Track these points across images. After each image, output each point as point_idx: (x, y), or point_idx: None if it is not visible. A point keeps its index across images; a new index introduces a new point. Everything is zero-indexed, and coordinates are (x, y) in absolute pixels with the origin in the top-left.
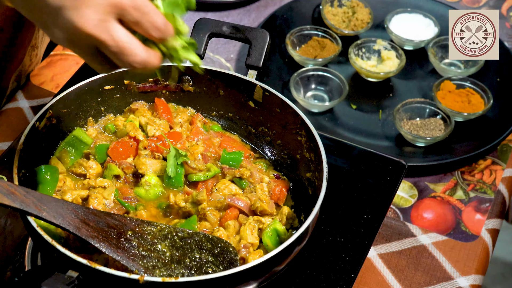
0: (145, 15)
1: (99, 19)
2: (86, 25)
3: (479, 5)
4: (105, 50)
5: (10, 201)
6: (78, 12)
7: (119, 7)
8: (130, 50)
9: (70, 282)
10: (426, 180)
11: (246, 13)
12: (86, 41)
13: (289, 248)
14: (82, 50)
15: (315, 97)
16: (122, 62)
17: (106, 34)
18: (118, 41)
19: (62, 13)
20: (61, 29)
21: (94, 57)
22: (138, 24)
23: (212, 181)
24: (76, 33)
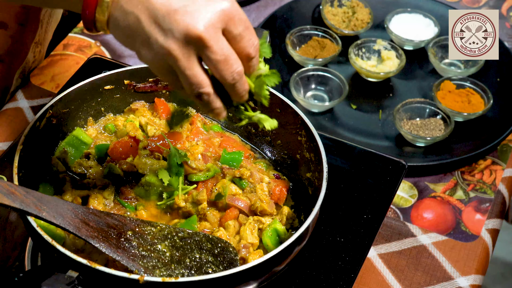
0: (248, 30)
1: (211, 24)
2: (198, 27)
3: (479, 5)
4: (207, 56)
5: (10, 201)
6: (192, 15)
7: (229, 16)
8: (233, 60)
9: (70, 282)
10: (426, 180)
11: (246, 13)
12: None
13: (289, 248)
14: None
15: (315, 97)
16: (222, 73)
17: (214, 40)
18: (223, 48)
19: (173, 17)
20: (166, 35)
21: (172, 77)
22: (240, 37)
23: (212, 181)
24: (185, 35)
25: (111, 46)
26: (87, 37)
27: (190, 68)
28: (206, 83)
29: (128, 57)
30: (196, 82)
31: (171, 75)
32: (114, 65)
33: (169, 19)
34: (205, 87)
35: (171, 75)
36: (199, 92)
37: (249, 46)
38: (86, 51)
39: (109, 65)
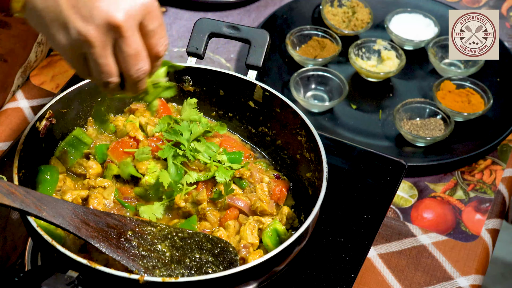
0: (161, 27)
1: (131, 15)
2: (118, 16)
3: (479, 5)
4: (120, 48)
5: (10, 201)
6: (114, 4)
7: (148, 9)
8: (143, 57)
9: (70, 282)
10: (426, 180)
11: (246, 13)
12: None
13: (289, 248)
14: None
15: (315, 97)
16: (128, 67)
17: (131, 32)
18: (137, 43)
19: (94, 3)
20: (85, 21)
21: (82, 63)
22: (153, 33)
23: (212, 181)
24: (106, 23)
25: None
26: None
27: (104, 57)
28: (115, 73)
29: None
30: (107, 71)
31: (81, 62)
32: None
33: (90, 5)
34: (114, 77)
35: (81, 62)
36: (108, 81)
37: (160, 44)
38: None
39: None
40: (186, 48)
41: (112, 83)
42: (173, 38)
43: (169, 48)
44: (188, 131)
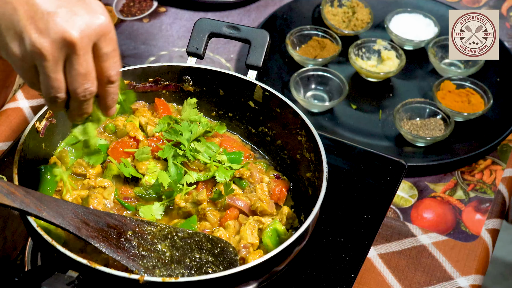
0: (115, 52)
1: (86, 35)
2: (73, 33)
3: (479, 5)
4: (71, 65)
5: (10, 201)
6: (71, 21)
7: (103, 32)
8: (92, 78)
9: (70, 282)
10: (426, 180)
11: (246, 13)
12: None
13: (289, 248)
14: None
15: (315, 97)
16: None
17: (84, 51)
18: (88, 63)
19: (52, 18)
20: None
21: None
22: (106, 57)
23: (212, 181)
24: (60, 38)
25: None
26: None
27: (55, 72)
28: (63, 89)
29: (128, 57)
30: (57, 86)
31: (32, 73)
32: None
33: (47, 19)
34: (62, 92)
35: (32, 74)
36: (55, 96)
37: (113, 68)
38: None
39: None
40: (186, 48)
41: (59, 99)
42: (173, 38)
43: (169, 48)
44: (189, 131)
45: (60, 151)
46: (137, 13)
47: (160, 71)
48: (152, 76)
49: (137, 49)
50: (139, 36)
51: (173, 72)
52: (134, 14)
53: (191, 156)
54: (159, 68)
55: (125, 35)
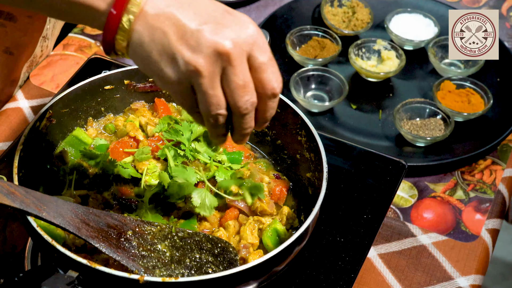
0: (272, 61)
1: (239, 44)
2: (226, 44)
3: (479, 5)
4: (229, 78)
5: (10, 201)
6: (221, 33)
7: (255, 41)
8: (251, 89)
9: (70, 282)
10: (426, 180)
11: (246, 13)
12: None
13: (289, 248)
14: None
15: (315, 97)
16: (237, 99)
17: (239, 61)
18: (245, 73)
19: (202, 33)
20: (193, 51)
21: (191, 97)
22: (265, 67)
23: (212, 181)
24: (214, 51)
25: None
26: (87, 37)
27: (213, 88)
28: (224, 105)
29: None
30: (216, 103)
31: (190, 96)
32: (114, 65)
33: (197, 35)
34: (223, 109)
35: (190, 96)
36: (217, 113)
37: (274, 79)
38: (86, 51)
39: (109, 65)
40: None
41: (220, 116)
42: None
43: None
44: (189, 131)
45: (60, 151)
46: None
47: None
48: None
49: None
50: None
51: None
52: None
53: (191, 156)
54: None
55: None
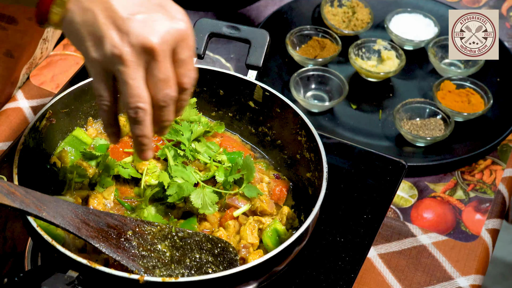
0: (191, 58)
1: (166, 40)
2: (153, 39)
3: (479, 5)
4: (152, 72)
5: (10, 201)
6: (150, 26)
7: (182, 37)
8: (172, 83)
9: (70, 282)
10: (426, 180)
11: (246, 13)
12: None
13: (289, 248)
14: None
15: (315, 97)
16: (157, 92)
17: (164, 56)
18: (168, 68)
19: (132, 23)
20: (122, 38)
21: (107, 83)
22: (183, 63)
23: (212, 181)
24: (141, 44)
25: None
26: None
27: (136, 78)
28: (146, 99)
29: None
30: (137, 94)
31: (109, 83)
32: None
33: (128, 24)
34: (145, 102)
35: (109, 83)
36: (136, 106)
37: (188, 75)
38: None
39: None
40: None
41: (142, 109)
42: None
43: None
44: (189, 131)
45: (60, 151)
46: None
47: None
48: None
49: None
50: None
51: None
52: None
53: (191, 156)
54: None
55: None
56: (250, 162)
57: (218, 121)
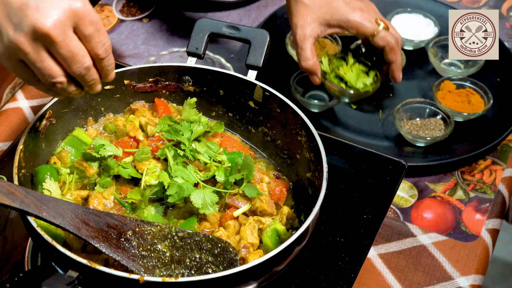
0: (98, 32)
1: (60, 22)
2: (46, 24)
3: (479, 5)
4: (55, 51)
5: (10, 201)
6: (42, 11)
7: (79, 15)
8: (80, 56)
9: (70, 282)
10: (426, 180)
11: (246, 13)
12: (33, 43)
13: (289, 248)
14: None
15: (315, 97)
16: (69, 67)
17: (62, 37)
18: (71, 45)
19: (24, 12)
20: (15, 29)
21: (23, 70)
22: (90, 38)
23: (212, 181)
24: (33, 31)
25: None
26: None
27: (41, 61)
28: (58, 73)
29: (128, 57)
30: (48, 74)
31: (22, 69)
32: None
33: (20, 14)
34: (58, 77)
35: (22, 70)
36: (52, 82)
37: (99, 47)
38: None
39: None
40: (186, 48)
41: (60, 83)
42: (173, 38)
43: (169, 48)
44: (189, 131)
45: (60, 151)
46: (137, 13)
47: (160, 71)
48: (152, 76)
49: (137, 49)
50: (139, 36)
51: (173, 72)
52: (134, 14)
53: (191, 156)
54: (159, 68)
55: (125, 35)
56: (250, 161)
57: (218, 121)
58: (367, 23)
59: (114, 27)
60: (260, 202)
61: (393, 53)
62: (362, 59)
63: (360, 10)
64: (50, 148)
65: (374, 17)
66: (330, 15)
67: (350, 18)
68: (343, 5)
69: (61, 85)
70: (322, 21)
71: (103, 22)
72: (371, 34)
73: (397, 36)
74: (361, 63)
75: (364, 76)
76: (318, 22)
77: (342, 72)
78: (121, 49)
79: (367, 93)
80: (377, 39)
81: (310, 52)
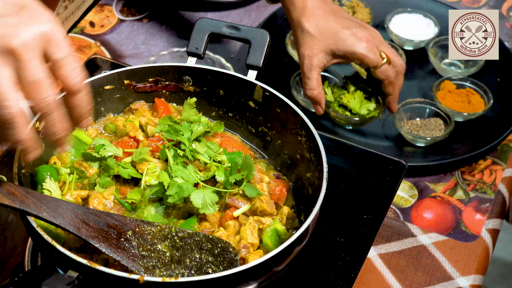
0: (71, 58)
1: (27, 42)
2: (13, 42)
3: (479, 5)
4: (20, 75)
5: (10, 201)
6: (11, 30)
7: (48, 38)
8: (44, 86)
9: (70, 282)
10: (426, 180)
11: (246, 13)
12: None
13: (289, 248)
14: None
15: None
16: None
17: (28, 58)
18: (35, 69)
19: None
20: None
21: None
22: (60, 64)
23: (212, 181)
24: (2, 47)
25: (111, 46)
26: (87, 37)
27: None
28: (13, 100)
29: (128, 57)
30: (3, 98)
31: None
32: (114, 65)
33: None
34: (10, 101)
35: None
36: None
37: (71, 76)
38: (86, 51)
39: (109, 65)
40: (186, 48)
41: (8, 111)
42: (173, 38)
43: (169, 48)
44: (189, 131)
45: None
46: (137, 13)
47: (160, 71)
48: (152, 76)
49: (137, 49)
50: (139, 36)
51: (173, 72)
52: (134, 14)
53: (191, 156)
54: (159, 68)
55: (125, 35)
56: (250, 161)
57: (218, 121)
58: (371, 55)
59: (114, 27)
60: (260, 202)
61: (391, 86)
62: (361, 85)
63: (366, 41)
64: (50, 148)
65: (379, 47)
66: (336, 46)
67: (355, 50)
68: (349, 36)
69: (9, 115)
70: (328, 51)
71: (103, 22)
72: (373, 66)
73: (399, 65)
74: (362, 90)
75: (367, 102)
76: (325, 52)
77: (345, 100)
78: (121, 49)
79: (372, 119)
80: (378, 72)
81: (316, 82)
